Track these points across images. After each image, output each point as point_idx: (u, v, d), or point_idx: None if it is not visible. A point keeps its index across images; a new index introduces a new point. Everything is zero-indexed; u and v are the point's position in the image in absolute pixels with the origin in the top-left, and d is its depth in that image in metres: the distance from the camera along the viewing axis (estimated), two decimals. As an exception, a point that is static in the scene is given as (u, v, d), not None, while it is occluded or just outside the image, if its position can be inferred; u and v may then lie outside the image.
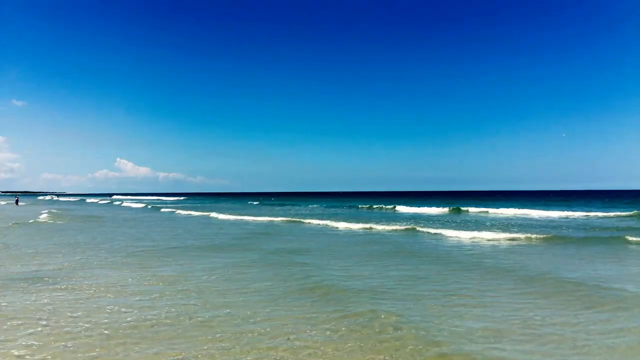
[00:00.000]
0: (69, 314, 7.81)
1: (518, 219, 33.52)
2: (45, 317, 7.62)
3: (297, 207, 60.28)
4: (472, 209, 45.31)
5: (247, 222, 31.93)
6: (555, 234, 20.70)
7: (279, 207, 60.37)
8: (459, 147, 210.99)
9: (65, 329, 6.98)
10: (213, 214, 41.09)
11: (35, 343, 6.38)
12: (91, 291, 9.51)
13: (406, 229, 24.77)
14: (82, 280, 10.67)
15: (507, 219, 33.71)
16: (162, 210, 54.16)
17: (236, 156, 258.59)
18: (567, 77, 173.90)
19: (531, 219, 32.75)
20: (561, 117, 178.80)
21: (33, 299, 8.88)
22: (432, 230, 23.12)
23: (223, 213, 41.82)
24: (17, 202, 73.00)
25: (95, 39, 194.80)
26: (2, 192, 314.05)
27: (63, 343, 6.40)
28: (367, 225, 26.83)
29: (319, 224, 29.05)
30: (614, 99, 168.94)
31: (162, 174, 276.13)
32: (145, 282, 10.49)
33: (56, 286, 9.98)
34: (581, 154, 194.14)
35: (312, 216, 36.16)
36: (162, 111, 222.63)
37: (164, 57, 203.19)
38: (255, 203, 79.84)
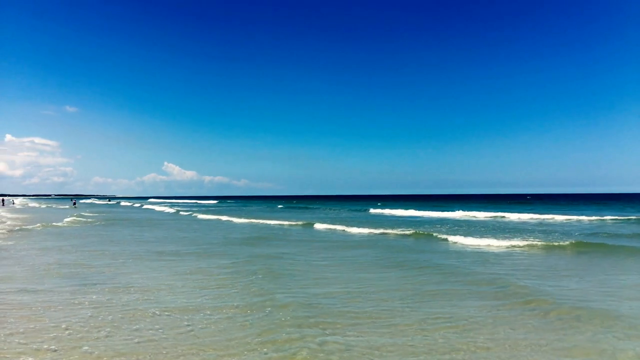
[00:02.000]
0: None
1: (545, 224, 30.79)
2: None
3: (323, 210, 58.67)
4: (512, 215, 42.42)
5: (255, 225, 30.68)
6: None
7: (303, 211, 58.92)
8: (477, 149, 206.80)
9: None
10: (227, 218, 40.17)
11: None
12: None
13: (413, 234, 22.73)
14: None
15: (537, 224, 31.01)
16: (181, 213, 53.82)
17: (279, 160, 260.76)
18: (578, 78, 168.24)
19: (561, 224, 29.95)
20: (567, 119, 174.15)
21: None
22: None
23: (241, 217, 40.72)
24: (74, 204, 74.98)
25: (144, 49, 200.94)
26: (56, 195, 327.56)
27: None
28: (378, 230, 25.00)
29: (329, 228, 27.37)
30: (614, 100, 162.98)
31: (207, 178, 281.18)
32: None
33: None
34: (590, 157, 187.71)
35: (333, 220, 34.49)
36: (208, 116, 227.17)
37: (210, 66, 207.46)
38: (279, 206, 78.81)
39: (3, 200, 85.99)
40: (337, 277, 11.06)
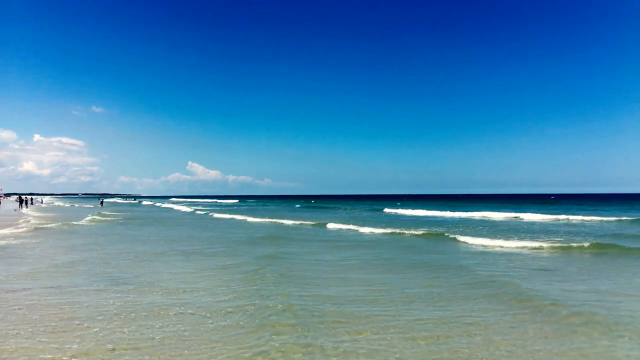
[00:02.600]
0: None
1: (562, 224, 29.87)
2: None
3: (339, 210, 58.39)
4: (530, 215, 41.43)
5: (268, 224, 30.59)
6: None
7: (319, 210, 58.71)
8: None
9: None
10: (242, 217, 40.25)
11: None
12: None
13: (432, 234, 22.30)
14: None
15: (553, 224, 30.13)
16: (198, 212, 54.25)
17: (302, 159, 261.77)
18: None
19: (582, 225, 29.01)
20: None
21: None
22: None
23: (256, 216, 40.75)
24: (101, 203, 76.66)
25: (169, 51, 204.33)
26: (83, 194, 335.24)
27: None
28: (390, 230, 24.62)
29: (340, 228, 27.10)
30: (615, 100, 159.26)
31: (231, 177, 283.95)
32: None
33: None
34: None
35: (346, 220, 34.20)
36: (232, 116, 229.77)
37: (234, 66, 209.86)
38: (297, 206, 78.77)
39: (32, 199, 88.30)
40: (343, 278, 10.81)
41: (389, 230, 24.73)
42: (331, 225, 28.79)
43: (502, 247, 17.66)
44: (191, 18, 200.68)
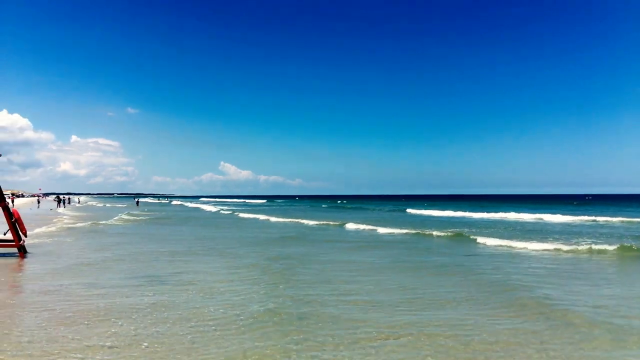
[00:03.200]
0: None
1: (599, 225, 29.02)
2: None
3: (362, 210, 58.29)
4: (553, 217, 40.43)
5: (288, 225, 30.94)
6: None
7: (344, 210, 58.71)
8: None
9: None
10: (265, 217, 40.74)
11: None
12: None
13: (451, 235, 22.12)
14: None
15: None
16: (223, 212, 55.15)
17: (333, 160, 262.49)
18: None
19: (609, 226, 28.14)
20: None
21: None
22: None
23: (279, 216, 41.19)
24: (137, 203, 79.07)
25: (202, 53, 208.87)
26: (119, 194, 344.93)
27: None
28: (408, 231, 24.53)
29: (359, 229, 27.13)
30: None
31: (262, 177, 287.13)
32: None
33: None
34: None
35: (366, 220, 34.22)
36: (263, 117, 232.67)
37: (264, 67, 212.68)
38: (324, 206, 78.96)
39: (69, 198, 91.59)
40: (351, 280, 10.74)
41: (405, 231, 24.63)
42: (350, 226, 28.87)
43: (524, 248, 17.22)
44: (221, 22, 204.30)
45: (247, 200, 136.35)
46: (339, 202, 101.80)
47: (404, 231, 24.61)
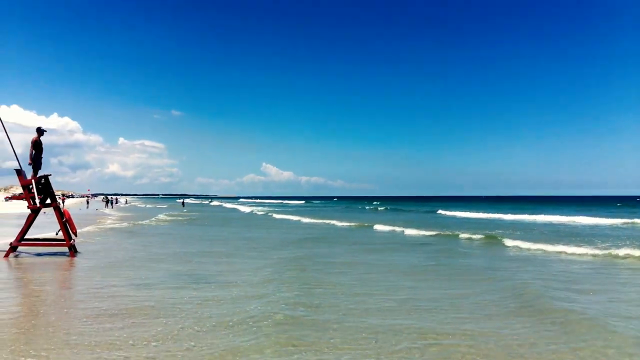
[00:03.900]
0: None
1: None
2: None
3: (395, 211, 57.78)
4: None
5: (318, 225, 31.18)
6: None
7: (377, 212, 58.35)
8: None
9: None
10: (298, 218, 41.16)
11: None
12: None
13: (480, 237, 21.66)
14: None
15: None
16: (257, 213, 55.96)
17: (375, 160, 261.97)
18: None
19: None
20: None
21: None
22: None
23: (310, 217, 41.41)
24: (183, 204, 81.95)
25: (244, 56, 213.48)
26: (163, 194, 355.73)
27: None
28: (435, 233, 24.19)
29: (386, 230, 27.00)
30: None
31: (304, 178, 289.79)
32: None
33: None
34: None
35: (395, 222, 33.92)
36: (305, 118, 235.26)
37: (304, 68, 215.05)
38: (359, 207, 78.67)
39: (116, 199, 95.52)
40: (361, 280, 10.65)
41: (433, 233, 24.27)
42: (378, 227, 28.75)
43: (562, 252, 16.37)
44: (263, 26, 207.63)
45: (285, 201, 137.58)
46: (374, 203, 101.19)
47: (432, 233, 24.23)
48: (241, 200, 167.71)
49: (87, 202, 72.52)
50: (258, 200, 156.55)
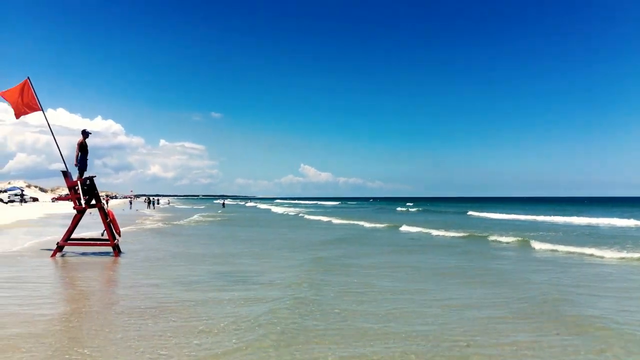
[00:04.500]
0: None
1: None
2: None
3: (427, 212, 57.45)
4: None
5: (346, 226, 31.57)
6: None
7: (408, 213, 58.13)
8: None
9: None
10: (328, 219, 41.66)
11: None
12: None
13: (508, 239, 21.68)
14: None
15: None
16: (289, 213, 56.74)
17: (414, 162, 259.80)
18: None
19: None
20: None
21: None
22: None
23: (341, 218, 41.82)
24: (223, 204, 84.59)
25: (282, 57, 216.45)
26: (203, 195, 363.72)
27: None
28: (461, 234, 24.17)
29: (413, 231, 27.08)
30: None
31: (342, 179, 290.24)
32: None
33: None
34: None
35: (423, 223, 33.95)
36: (343, 119, 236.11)
37: (342, 69, 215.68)
38: (391, 208, 78.45)
39: (158, 200, 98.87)
40: (366, 284, 10.41)
41: (459, 234, 24.26)
42: (405, 228, 28.97)
43: (600, 257, 15.65)
44: (302, 27, 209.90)
45: (320, 202, 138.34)
46: (408, 203, 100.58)
47: (458, 234, 24.24)
48: (277, 201, 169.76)
49: (130, 203, 75.39)
50: (293, 201, 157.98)
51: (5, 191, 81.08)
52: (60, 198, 19.14)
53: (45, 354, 5.42)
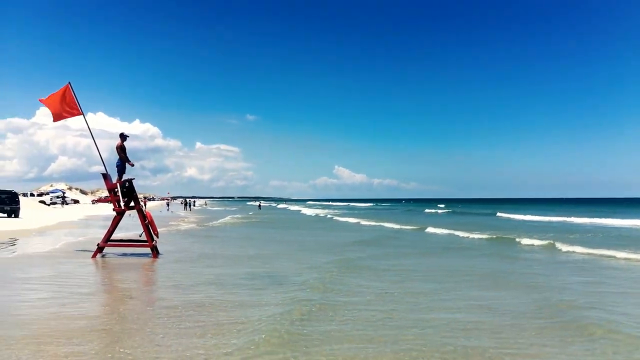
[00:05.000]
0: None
1: None
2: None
3: (455, 214, 56.78)
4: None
5: (374, 228, 31.84)
6: None
7: (436, 215, 57.50)
8: None
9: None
10: (357, 220, 41.91)
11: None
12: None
13: (538, 243, 21.61)
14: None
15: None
16: (320, 215, 57.14)
17: (449, 163, 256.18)
18: None
19: None
20: None
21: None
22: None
23: (370, 220, 41.92)
24: (259, 206, 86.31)
25: (316, 60, 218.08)
26: (239, 197, 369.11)
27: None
28: (487, 236, 24.11)
29: (438, 232, 27.24)
30: None
31: (376, 181, 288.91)
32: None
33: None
34: None
35: (449, 224, 33.88)
36: (377, 121, 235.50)
37: (379, 70, 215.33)
38: (421, 209, 77.87)
39: (194, 201, 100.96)
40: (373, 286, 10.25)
41: (484, 235, 24.20)
42: (430, 230, 29.10)
43: (625, 259, 15.38)
44: (338, 29, 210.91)
45: (352, 204, 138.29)
46: (439, 205, 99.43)
47: (483, 236, 24.15)
48: (308, 202, 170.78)
49: (168, 205, 76.86)
50: (325, 203, 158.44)
51: (47, 193, 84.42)
52: (100, 200, 20.40)
53: (89, 353, 5.52)
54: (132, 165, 14.80)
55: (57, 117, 14.53)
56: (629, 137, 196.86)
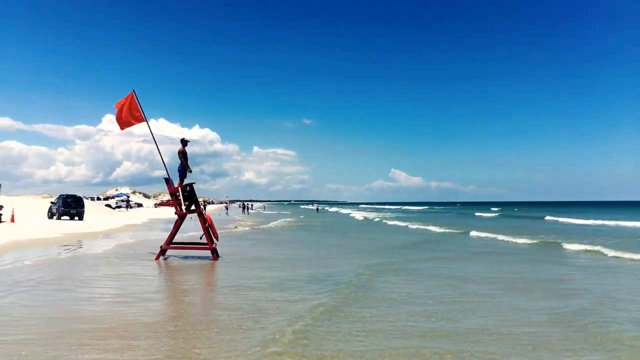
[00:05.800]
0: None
1: None
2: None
3: (507, 218, 55.50)
4: None
5: (419, 231, 32.10)
6: None
7: (486, 219, 56.15)
8: None
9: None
10: (405, 224, 42.07)
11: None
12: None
13: (582, 249, 21.42)
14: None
15: None
16: (369, 218, 57.25)
17: (510, 165, 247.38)
18: None
19: None
20: None
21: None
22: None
23: (418, 224, 41.95)
24: (317, 210, 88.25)
25: (369, 63, 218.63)
26: (295, 200, 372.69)
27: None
28: (535, 240, 23.72)
29: (481, 237, 27.14)
30: None
31: (433, 184, 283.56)
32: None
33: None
34: None
35: (494, 229, 33.53)
36: (435, 123, 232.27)
37: (433, 72, 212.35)
38: (478, 214, 76.27)
39: (252, 205, 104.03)
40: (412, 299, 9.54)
41: (527, 240, 23.77)
42: (474, 233, 29.12)
43: None
44: (391, 31, 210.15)
45: (406, 207, 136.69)
46: (492, 209, 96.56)
47: (527, 240, 23.72)
48: (361, 206, 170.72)
49: (226, 209, 79.25)
50: (378, 206, 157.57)
51: (113, 197, 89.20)
52: (162, 204, 19.76)
53: (161, 353, 5.65)
54: (190, 171, 14.96)
55: (124, 125, 14.81)
56: None
